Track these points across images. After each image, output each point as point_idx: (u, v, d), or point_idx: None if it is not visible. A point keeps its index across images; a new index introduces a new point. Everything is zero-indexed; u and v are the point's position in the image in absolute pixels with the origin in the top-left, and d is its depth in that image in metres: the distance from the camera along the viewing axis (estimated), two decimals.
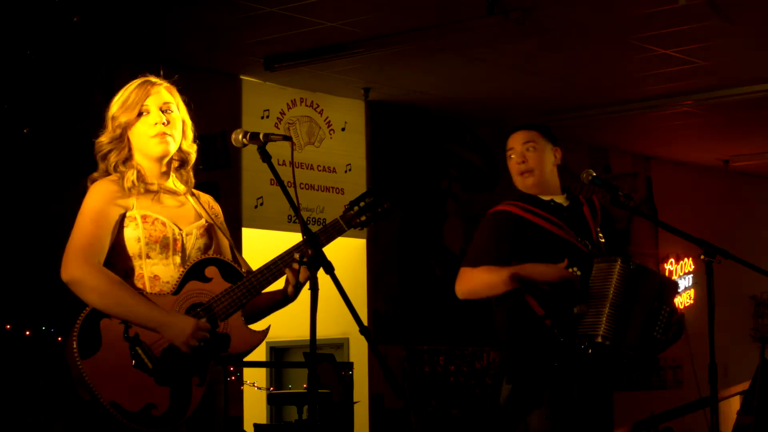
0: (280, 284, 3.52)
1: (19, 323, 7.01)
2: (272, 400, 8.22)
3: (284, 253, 3.47)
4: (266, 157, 3.42)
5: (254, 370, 9.13)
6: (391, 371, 3.17)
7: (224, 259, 3.50)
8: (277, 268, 3.45)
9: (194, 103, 3.65)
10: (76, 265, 3.33)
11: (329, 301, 3.87)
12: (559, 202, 4.45)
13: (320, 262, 3.31)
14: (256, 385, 8.76)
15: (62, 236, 3.43)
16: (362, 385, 8.96)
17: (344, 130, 9.25)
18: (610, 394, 4.37)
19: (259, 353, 9.11)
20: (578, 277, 4.19)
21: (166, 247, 3.45)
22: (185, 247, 3.49)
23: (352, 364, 8.38)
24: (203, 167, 7.86)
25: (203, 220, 3.57)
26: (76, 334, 3.28)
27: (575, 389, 4.23)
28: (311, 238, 3.38)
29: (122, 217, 3.44)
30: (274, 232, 8.65)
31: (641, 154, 11.99)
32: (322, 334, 3.58)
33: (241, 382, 8.43)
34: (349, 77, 8.64)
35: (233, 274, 3.46)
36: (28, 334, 7.01)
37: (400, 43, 7.61)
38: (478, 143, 10.34)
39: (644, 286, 4.21)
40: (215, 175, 8.17)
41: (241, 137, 3.47)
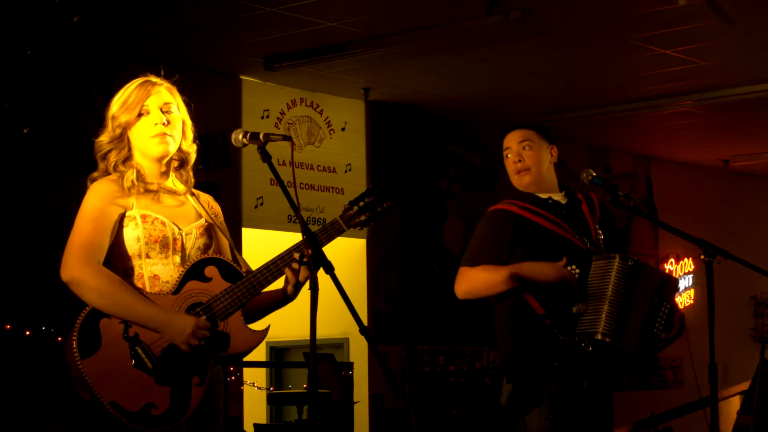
0: (279, 284, 3.52)
1: (19, 323, 7.01)
2: (272, 400, 8.22)
3: (284, 252, 3.47)
4: (266, 157, 3.42)
5: (254, 370, 9.13)
6: (391, 371, 3.17)
7: (224, 258, 3.50)
8: (276, 267, 3.45)
9: (194, 103, 3.65)
10: (75, 264, 3.33)
11: (329, 301, 3.87)
12: (557, 199, 4.45)
13: (320, 262, 3.30)
14: (256, 385, 8.76)
15: (62, 236, 3.43)
16: (362, 385, 8.96)
17: (344, 130, 9.26)
18: (610, 392, 4.37)
19: (259, 353, 9.11)
20: (577, 275, 4.19)
21: (165, 246, 3.45)
22: (185, 246, 3.49)
23: (352, 364, 8.38)
24: (203, 167, 7.87)
25: (203, 219, 3.57)
26: (75, 334, 3.28)
27: (575, 388, 4.23)
28: (311, 237, 3.38)
29: (122, 216, 3.44)
30: (274, 232, 8.65)
31: (641, 154, 11.99)
32: (322, 334, 3.58)
33: (241, 382, 8.43)
34: (349, 77, 8.64)
35: (233, 273, 3.46)
36: (28, 334, 7.01)
37: (400, 43, 7.61)
38: (478, 143, 10.34)
39: (644, 282, 4.20)
40: (215, 175, 8.17)
41: (241, 137, 3.47)
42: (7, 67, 6.81)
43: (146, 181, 3.51)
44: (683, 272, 12.32)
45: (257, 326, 3.48)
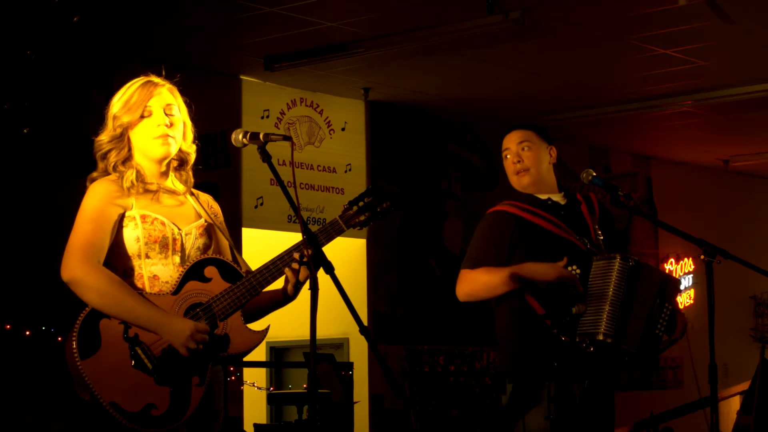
0: (279, 284, 3.52)
1: (19, 323, 7.01)
2: (272, 400, 8.22)
3: (284, 252, 3.47)
4: (266, 157, 3.42)
5: (254, 370, 9.13)
6: (391, 371, 3.17)
7: (224, 259, 3.50)
8: (276, 268, 3.45)
9: (194, 103, 3.65)
10: (76, 264, 3.33)
11: (329, 301, 3.87)
12: (556, 200, 4.45)
13: (320, 262, 3.30)
14: (256, 385, 8.76)
15: (62, 236, 3.43)
16: (362, 385, 8.96)
17: (344, 130, 9.25)
18: (611, 393, 4.37)
19: (259, 353, 9.11)
20: (577, 275, 4.18)
21: (165, 246, 3.45)
22: (184, 246, 3.49)
23: (352, 364, 8.38)
24: (203, 167, 7.86)
25: (202, 219, 3.57)
26: (75, 334, 3.28)
27: (576, 388, 4.23)
28: (311, 237, 3.38)
29: (121, 216, 3.44)
30: (274, 232, 8.65)
31: (641, 154, 11.99)
32: (322, 334, 3.58)
33: (241, 382, 8.43)
34: (349, 77, 8.64)
35: (233, 274, 3.46)
36: (28, 334, 7.01)
37: (400, 43, 7.61)
38: (478, 143, 10.34)
39: (645, 283, 4.20)
40: (215, 175, 8.17)
41: (241, 137, 3.47)
42: (7, 67, 6.81)
43: (146, 181, 3.51)
44: (683, 272, 12.32)
45: (257, 326, 3.48)
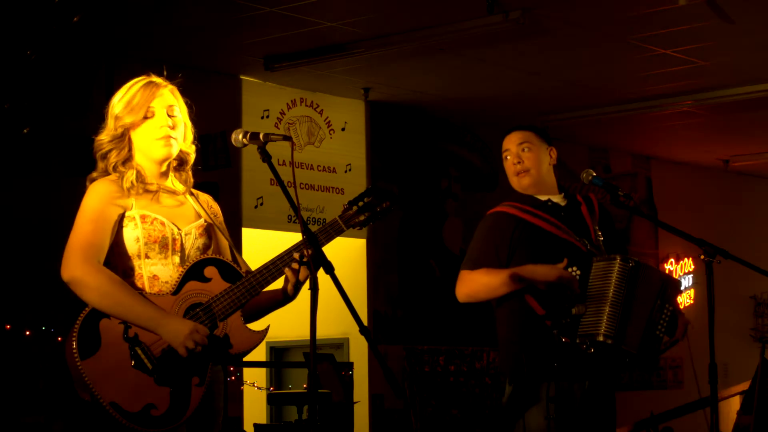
0: (279, 283, 3.52)
1: (19, 323, 7.01)
2: (272, 400, 8.22)
3: (283, 252, 3.47)
4: (266, 157, 3.42)
5: (254, 370, 9.13)
6: (391, 371, 3.17)
7: (223, 259, 3.50)
8: (276, 267, 3.45)
9: (194, 103, 3.65)
10: (76, 264, 3.33)
11: (329, 301, 3.87)
12: (556, 201, 4.45)
13: (320, 262, 3.30)
14: (256, 385, 8.76)
15: (62, 236, 3.43)
16: (362, 385, 8.96)
17: (344, 130, 9.25)
18: (612, 393, 4.36)
19: (259, 353, 9.11)
20: (578, 276, 4.18)
21: (165, 246, 3.45)
22: (184, 246, 3.49)
23: (352, 364, 8.38)
24: (203, 167, 7.86)
25: (202, 219, 3.57)
26: (75, 334, 3.28)
27: (577, 389, 4.22)
28: (311, 237, 3.38)
29: (121, 217, 3.43)
30: (274, 232, 8.65)
31: (641, 154, 11.99)
32: (322, 334, 3.58)
33: (241, 382, 8.43)
34: (349, 77, 8.64)
35: (232, 274, 3.46)
36: (28, 334, 7.01)
37: (400, 43, 7.61)
38: (478, 143, 10.34)
39: (646, 284, 4.20)
40: (215, 175, 8.17)
41: (241, 137, 3.47)
42: (7, 67, 6.81)
43: (146, 181, 3.51)
44: (683, 272, 12.31)
45: (257, 326, 3.48)
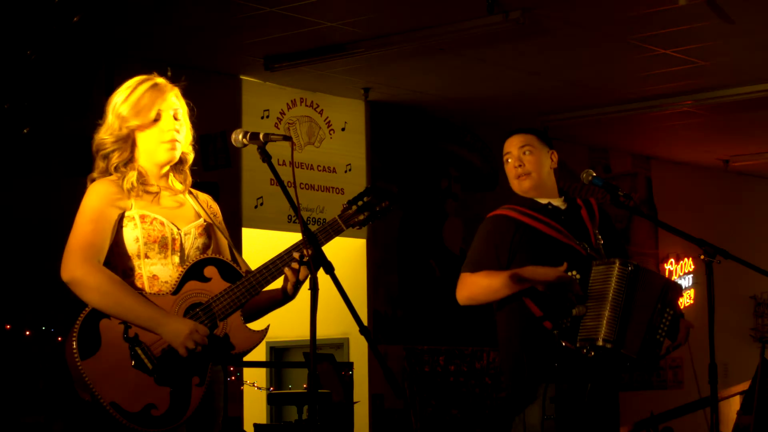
0: (279, 282, 3.52)
1: (19, 323, 7.01)
2: (272, 400, 8.22)
3: (283, 252, 3.47)
4: (266, 157, 3.42)
5: (254, 370, 9.13)
6: (391, 371, 3.17)
7: (223, 258, 3.50)
8: (276, 267, 3.45)
9: (194, 103, 3.65)
10: (76, 264, 3.33)
11: (329, 301, 3.87)
12: (556, 205, 4.45)
13: (320, 261, 3.30)
14: (256, 385, 8.76)
15: (62, 236, 3.42)
16: (362, 385, 8.96)
17: (344, 130, 9.25)
18: (616, 395, 4.36)
19: (259, 353, 9.11)
20: (578, 280, 4.18)
21: (164, 246, 3.45)
22: (184, 246, 3.49)
23: (352, 364, 8.38)
24: (203, 167, 7.87)
25: (202, 219, 3.57)
26: (75, 334, 3.28)
27: (578, 392, 4.22)
28: (311, 237, 3.38)
29: (121, 217, 3.43)
30: (274, 232, 8.65)
31: (641, 154, 11.99)
32: (322, 334, 3.58)
33: (241, 382, 8.43)
34: (349, 77, 8.64)
35: (232, 273, 3.46)
36: (28, 334, 7.01)
37: (400, 43, 7.61)
38: (478, 143, 10.34)
39: (646, 288, 4.19)
40: (215, 175, 8.17)
41: (241, 137, 3.47)
42: (7, 67, 6.81)
43: (147, 182, 3.51)
44: (683, 272, 12.31)
45: (257, 326, 3.48)
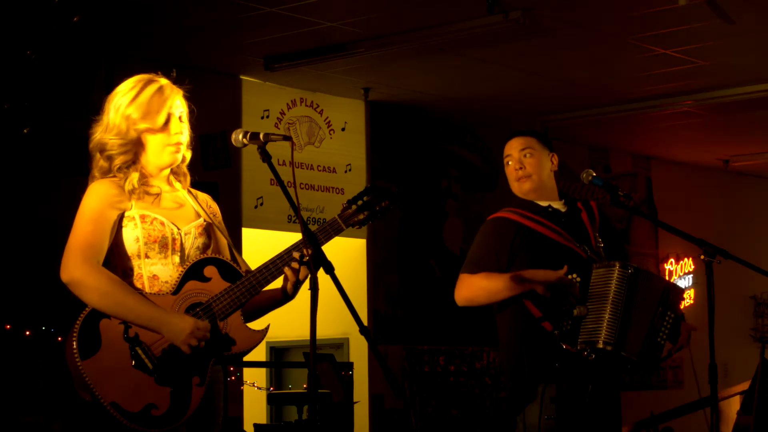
0: (279, 282, 3.52)
1: (19, 323, 7.01)
2: (272, 400, 8.22)
3: (283, 252, 3.47)
4: (266, 157, 3.42)
5: (254, 370, 9.13)
6: (391, 371, 3.17)
7: (223, 258, 3.50)
8: (276, 267, 3.45)
9: (194, 103, 3.64)
10: (75, 265, 3.33)
11: (329, 301, 3.87)
12: (556, 207, 4.45)
13: (320, 261, 3.30)
14: (256, 385, 8.76)
15: (62, 236, 3.42)
16: (362, 385, 8.96)
17: (344, 130, 9.25)
18: (617, 397, 4.36)
19: (259, 353, 9.11)
20: (578, 283, 4.18)
21: (164, 246, 3.45)
22: (184, 246, 3.49)
23: (352, 364, 8.38)
24: (203, 167, 7.87)
25: (202, 219, 3.57)
26: (75, 334, 3.28)
27: (579, 393, 4.22)
28: (311, 237, 3.38)
29: (121, 217, 3.43)
30: (274, 232, 8.65)
31: (641, 154, 11.99)
32: (322, 334, 3.58)
33: (241, 382, 8.43)
34: (349, 77, 8.64)
35: (232, 273, 3.46)
36: (28, 334, 7.01)
37: (400, 43, 7.61)
38: (478, 143, 10.34)
39: (646, 290, 4.19)
40: (215, 175, 8.17)
41: (241, 137, 3.47)
42: (7, 67, 6.81)
43: (148, 184, 3.51)
44: (683, 272, 12.31)
45: (257, 326, 3.48)
